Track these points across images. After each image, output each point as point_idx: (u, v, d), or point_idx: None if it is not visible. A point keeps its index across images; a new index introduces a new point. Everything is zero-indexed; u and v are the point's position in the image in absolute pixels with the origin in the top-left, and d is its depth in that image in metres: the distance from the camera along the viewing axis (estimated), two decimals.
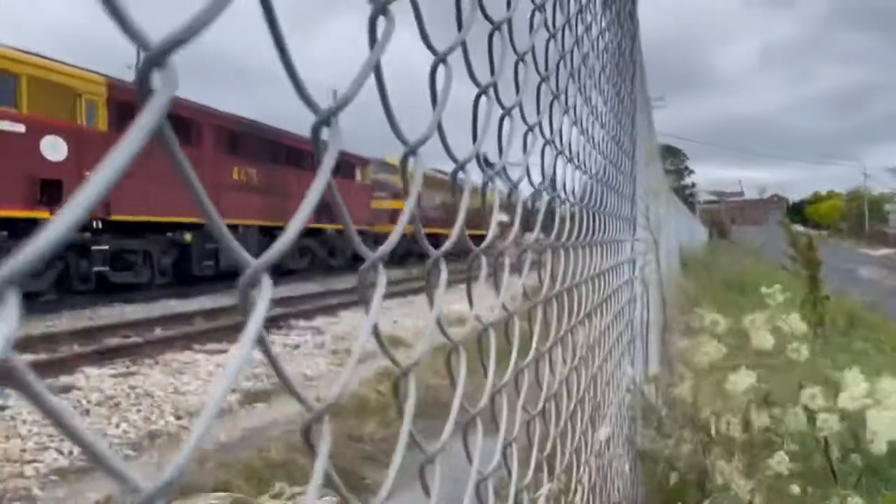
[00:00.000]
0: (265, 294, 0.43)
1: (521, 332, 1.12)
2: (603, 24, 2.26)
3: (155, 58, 0.32)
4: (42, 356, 7.51)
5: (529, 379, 1.21)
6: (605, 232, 2.24)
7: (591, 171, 1.97)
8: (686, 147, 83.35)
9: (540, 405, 1.32)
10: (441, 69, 0.76)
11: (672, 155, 69.94)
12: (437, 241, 0.83)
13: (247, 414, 5.94)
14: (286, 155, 19.36)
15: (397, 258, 26.67)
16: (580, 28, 1.72)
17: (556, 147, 1.41)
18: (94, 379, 6.74)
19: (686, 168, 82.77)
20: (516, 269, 1.14)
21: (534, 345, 1.26)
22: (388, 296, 12.26)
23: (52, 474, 4.51)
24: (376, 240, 24.34)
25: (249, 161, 17.44)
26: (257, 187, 17.70)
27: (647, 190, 4.63)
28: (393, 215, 25.29)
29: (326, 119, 0.52)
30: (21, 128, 10.98)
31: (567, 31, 1.52)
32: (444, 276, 0.83)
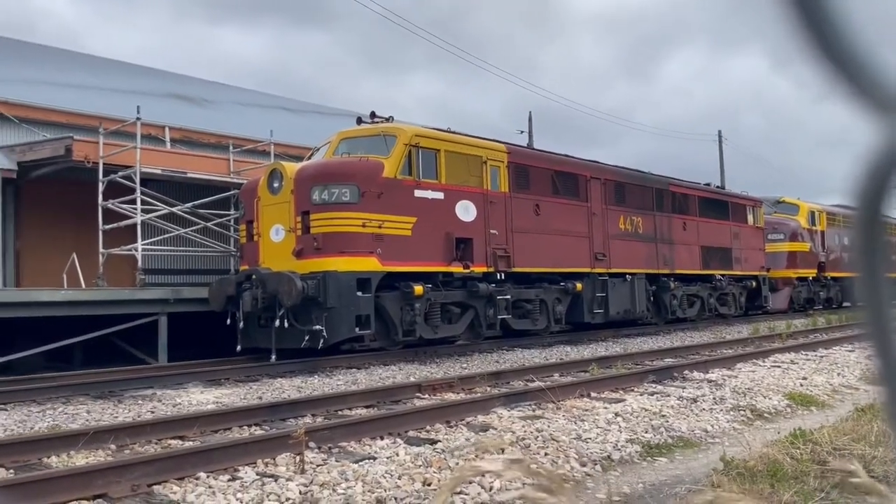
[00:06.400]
0: None
1: None
2: None
3: None
4: (462, 395, 8.48)
5: None
6: None
7: None
8: None
9: None
10: None
11: None
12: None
13: (649, 466, 5.91)
14: (671, 202, 19.16)
15: (801, 305, 24.20)
16: None
17: None
18: (506, 420, 7.35)
19: None
20: None
21: None
22: (793, 349, 11.10)
23: None
24: (773, 287, 22.48)
25: (634, 210, 17.67)
26: (642, 235, 17.81)
27: None
28: (790, 259, 23.15)
29: None
30: (440, 195, 12.75)
31: None
32: None
